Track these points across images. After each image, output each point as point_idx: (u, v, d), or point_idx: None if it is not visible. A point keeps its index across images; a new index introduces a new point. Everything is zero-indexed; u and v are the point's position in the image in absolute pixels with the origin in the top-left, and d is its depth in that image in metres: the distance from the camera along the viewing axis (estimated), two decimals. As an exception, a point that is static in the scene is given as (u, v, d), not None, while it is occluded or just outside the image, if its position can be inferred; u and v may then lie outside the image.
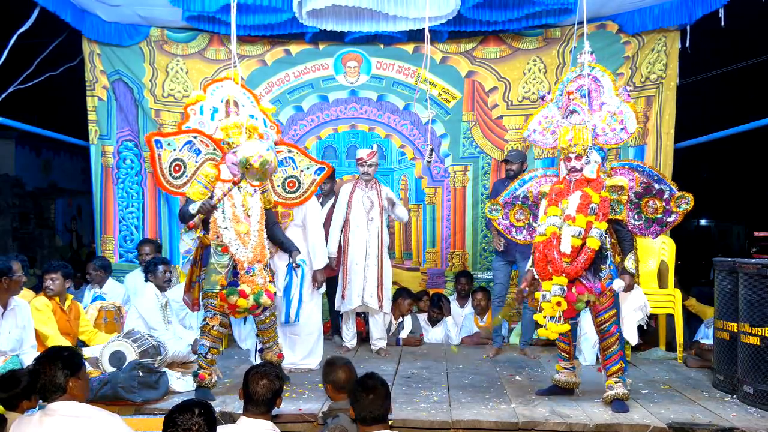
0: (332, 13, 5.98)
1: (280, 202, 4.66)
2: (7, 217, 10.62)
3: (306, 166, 4.65)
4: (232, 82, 4.40)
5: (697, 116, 7.95)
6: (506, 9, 6.04)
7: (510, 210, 4.52)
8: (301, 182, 4.63)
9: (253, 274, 4.11)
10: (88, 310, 5.27)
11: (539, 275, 4.08)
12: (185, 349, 5.04)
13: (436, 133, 6.75)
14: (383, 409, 2.85)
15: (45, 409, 2.78)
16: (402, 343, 6.04)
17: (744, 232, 16.29)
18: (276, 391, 3.01)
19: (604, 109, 4.13)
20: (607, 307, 4.06)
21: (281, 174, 4.59)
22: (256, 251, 4.16)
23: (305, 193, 4.68)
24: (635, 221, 4.13)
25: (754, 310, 4.15)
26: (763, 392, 4.07)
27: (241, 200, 4.18)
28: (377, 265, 5.53)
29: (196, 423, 2.51)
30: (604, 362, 4.17)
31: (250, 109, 4.42)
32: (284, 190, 4.63)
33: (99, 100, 6.74)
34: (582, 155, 4.06)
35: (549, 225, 4.06)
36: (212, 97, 4.38)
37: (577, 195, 4.03)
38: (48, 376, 2.81)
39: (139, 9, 6.25)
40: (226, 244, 4.11)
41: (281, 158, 4.54)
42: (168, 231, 6.81)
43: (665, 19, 6.11)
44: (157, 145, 4.25)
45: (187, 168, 4.32)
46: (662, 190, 4.11)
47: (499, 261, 5.72)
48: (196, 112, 4.37)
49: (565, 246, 3.96)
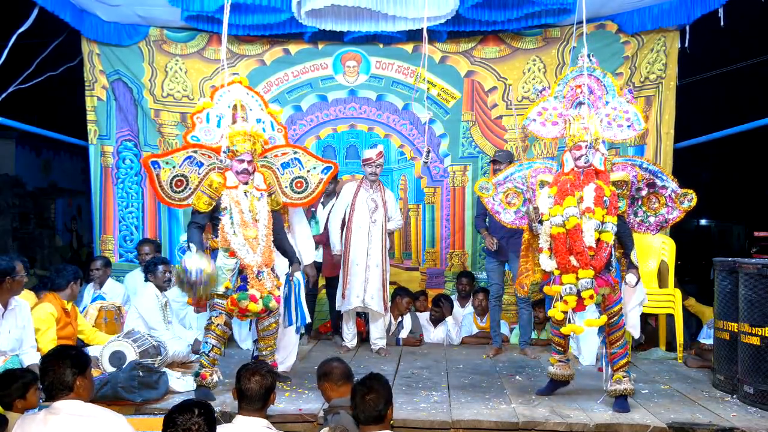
0: (331, 13, 5.98)
1: (289, 203, 4.67)
2: (7, 217, 10.61)
3: (312, 166, 4.64)
4: (240, 85, 4.39)
5: (696, 116, 7.93)
6: (505, 9, 6.04)
7: (503, 191, 4.50)
8: (308, 182, 4.64)
9: (263, 279, 4.14)
10: (88, 310, 5.27)
11: (560, 267, 3.99)
12: (185, 349, 5.05)
13: (436, 132, 6.75)
14: (384, 410, 2.85)
15: (50, 407, 2.77)
16: (402, 343, 6.04)
17: (744, 232, 16.26)
18: (269, 386, 3.01)
19: (609, 106, 4.14)
20: (616, 300, 4.08)
21: (288, 175, 4.60)
22: (264, 256, 4.19)
23: (313, 193, 4.69)
24: (635, 216, 4.13)
25: (754, 310, 4.15)
26: (763, 392, 4.06)
27: (248, 205, 4.19)
28: (380, 267, 5.54)
29: (195, 423, 2.51)
30: (611, 356, 4.15)
31: (258, 113, 4.42)
32: (292, 190, 4.63)
33: (98, 100, 6.74)
34: (594, 145, 4.04)
35: (570, 216, 3.95)
36: (219, 104, 4.37)
37: (591, 187, 3.99)
38: (56, 374, 2.80)
39: (139, 9, 6.25)
40: (233, 249, 4.12)
41: (287, 160, 4.57)
42: (168, 231, 6.80)
43: (664, 19, 6.11)
44: (155, 166, 4.27)
45: (189, 181, 4.34)
46: (665, 187, 4.11)
47: (491, 262, 5.73)
48: (202, 120, 4.36)
49: (589, 239, 3.92)
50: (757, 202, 12.90)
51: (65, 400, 2.78)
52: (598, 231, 3.94)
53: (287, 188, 4.61)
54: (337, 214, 5.70)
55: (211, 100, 4.38)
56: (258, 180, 4.30)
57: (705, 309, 6.19)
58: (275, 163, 4.56)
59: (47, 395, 2.84)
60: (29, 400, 3.40)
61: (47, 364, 2.86)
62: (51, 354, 2.97)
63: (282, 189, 4.59)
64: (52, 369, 2.82)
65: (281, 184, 4.58)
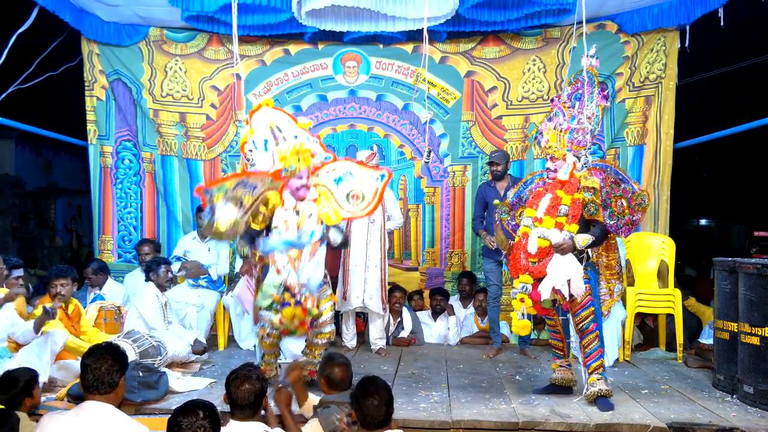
0: (331, 13, 5.97)
1: (350, 216, 4.52)
2: (7, 217, 10.63)
3: (365, 175, 4.47)
4: (267, 107, 4.34)
5: (696, 116, 7.94)
6: (505, 9, 6.03)
7: (516, 212, 4.54)
8: (364, 193, 4.45)
9: (305, 298, 4.06)
10: (88, 310, 5.26)
11: (511, 273, 4.26)
12: (185, 349, 5.04)
13: (436, 132, 6.75)
14: (386, 414, 2.86)
15: (77, 408, 2.77)
16: (392, 342, 5.98)
17: (744, 232, 16.28)
18: (258, 393, 2.98)
19: (585, 112, 4.18)
20: (584, 305, 4.08)
21: (343, 189, 4.43)
22: (306, 273, 4.08)
23: (372, 203, 4.47)
24: (609, 221, 4.12)
25: (754, 310, 4.15)
26: (763, 392, 4.06)
27: (296, 223, 4.14)
28: (379, 266, 5.54)
29: (201, 426, 2.51)
30: (584, 359, 4.18)
31: (293, 129, 4.32)
32: (349, 203, 4.46)
33: (98, 100, 6.73)
34: (558, 158, 4.17)
35: (522, 226, 4.23)
36: (258, 130, 4.27)
37: (547, 197, 4.18)
38: (102, 371, 2.80)
39: (138, 9, 6.25)
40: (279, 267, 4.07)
41: (339, 174, 4.42)
42: (166, 231, 6.81)
43: (664, 18, 6.11)
44: (207, 195, 4.11)
45: (243, 203, 4.17)
46: (626, 189, 4.11)
47: (489, 263, 5.73)
48: (253, 150, 4.27)
49: (531, 246, 4.07)
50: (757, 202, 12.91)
51: (97, 401, 2.77)
52: (545, 239, 4.04)
53: (344, 202, 4.44)
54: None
55: (252, 128, 4.27)
56: (311, 195, 4.24)
57: (705, 309, 6.19)
58: (327, 179, 4.41)
59: (87, 390, 2.82)
60: (35, 396, 3.42)
61: (92, 361, 2.84)
62: (97, 350, 2.93)
63: (339, 204, 4.43)
64: (98, 366, 2.81)
65: (338, 199, 4.42)
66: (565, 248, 3.99)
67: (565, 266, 3.99)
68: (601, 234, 4.14)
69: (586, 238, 4.00)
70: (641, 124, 6.49)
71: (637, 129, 6.50)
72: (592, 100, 4.16)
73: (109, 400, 2.79)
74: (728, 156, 11.52)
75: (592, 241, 4.04)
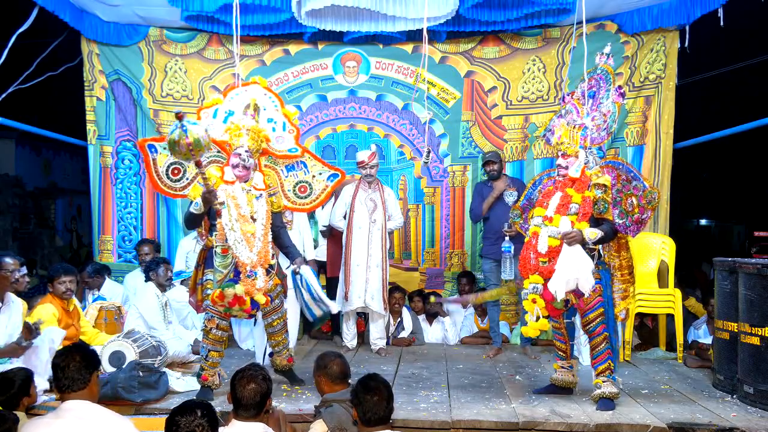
0: (331, 13, 5.98)
1: (290, 207, 4.60)
2: (7, 217, 10.61)
3: (318, 171, 4.57)
4: (257, 86, 4.36)
5: (696, 116, 7.93)
6: (505, 9, 6.05)
7: (528, 214, 4.52)
8: (312, 187, 4.56)
9: (255, 278, 4.08)
10: (88, 310, 5.26)
11: (521, 273, 4.22)
12: (185, 349, 5.05)
13: (435, 132, 6.75)
14: (386, 410, 2.86)
15: (57, 410, 2.76)
16: (392, 343, 5.98)
17: (744, 232, 16.25)
18: (264, 393, 2.96)
19: (600, 109, 4.17)
20: (593, 306, 4.05)
21: (293, 178, 4.54)
22: (260, 255, 4.13)
23: (317, 199, 4.60)
24: (619, 220, 4.11)
25: (754, 310, 4.15)
26: (763, 392, 4.06)
27: (245, 202, 4.15)
28: (380, 266, 5.54)
29: (199, 425, 2.50)
30: (592, 361, 4.17)
31: (272, 113, 4.38)
32: (295, 194, 4.56)
33: (98, 100, 6.74)
34: (570, 155, 4.14)
35: (533, 225, 4.19)
36: (231, 102, 4.33)
37: (558, 196, 4.14)
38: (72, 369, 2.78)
39: (138, 9, 6.26)
40: (227, 246, 4.09)
41: (292, 162, 4.51)
42: (166, 231, 6.81)
43: (664, 19, 6.12)
44: (151, 150, 4.22)
45: (186, 171, 4.29)
46: (637, 187, 4.10)
47: (488, 263, 5.72)
48: (209, 116, 4.32)
49: (541, 246, 4.04)
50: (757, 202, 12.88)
51: (76, 399, 2.76)
52: (556, 238, 4.01)
53: (290, 191, 4.54)
54: (338, 214, 5.69)
55: (223, 98, 4.35)
56: (257, 179, 4.26)
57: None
58: (279, 164, 4.50)
59: (60, 391, 2.82)
60: (32, 395, 3.43)
61: (61, 360, 2.83)
62: (67, 351, 2.92)
63: (285, 192, 4.52)
64: (67, 365, 2.79)
65: (284, 186, 4.52)
66: (574, 237, 3.94)
67: (575, 260, 3.94)
68: (611, 231, 4.11)
69: (595, 232, 3.97)
70: (641, 124, 6.49)
71: (637, 129, 6.51)
72: (608, 97, 4.15)
73: (84, 396, 2.78)
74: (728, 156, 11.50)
75: (601, 236, 4.01)
